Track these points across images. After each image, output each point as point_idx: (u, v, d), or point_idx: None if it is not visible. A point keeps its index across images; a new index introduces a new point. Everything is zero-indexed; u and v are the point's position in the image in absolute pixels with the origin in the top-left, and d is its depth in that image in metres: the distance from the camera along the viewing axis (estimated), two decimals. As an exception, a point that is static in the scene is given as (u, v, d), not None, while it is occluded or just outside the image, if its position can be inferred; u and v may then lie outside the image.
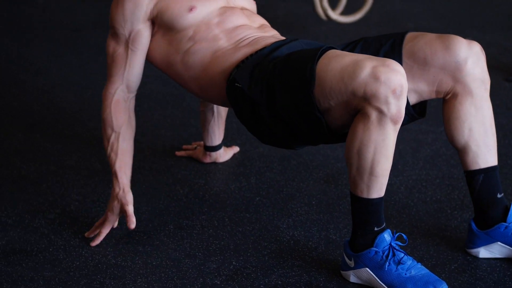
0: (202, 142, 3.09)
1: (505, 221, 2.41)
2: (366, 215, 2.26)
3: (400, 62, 2.35)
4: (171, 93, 3.73)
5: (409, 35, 2.40)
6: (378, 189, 2.24)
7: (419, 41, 2.37)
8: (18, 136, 3.30)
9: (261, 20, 2.63)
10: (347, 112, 2.20)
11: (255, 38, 2.49)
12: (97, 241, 2.55)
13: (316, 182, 2.90)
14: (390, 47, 2.38)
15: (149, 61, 2.64)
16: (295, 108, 2.25)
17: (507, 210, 2.41)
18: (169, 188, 2.88)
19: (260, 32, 2.54)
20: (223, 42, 2.50)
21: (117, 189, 2.55)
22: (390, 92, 2.11)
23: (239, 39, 2.49)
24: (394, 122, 2.16)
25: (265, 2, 4.86)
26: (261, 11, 2.77)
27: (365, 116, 2.16)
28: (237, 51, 2.45)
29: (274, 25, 2.69)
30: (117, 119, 2.60)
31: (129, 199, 2.55)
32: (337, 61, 2.19)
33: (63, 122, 3.43)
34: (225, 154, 3.08)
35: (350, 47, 2.43)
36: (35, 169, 3.02)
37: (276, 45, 2.43)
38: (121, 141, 2.61)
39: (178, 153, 3.12)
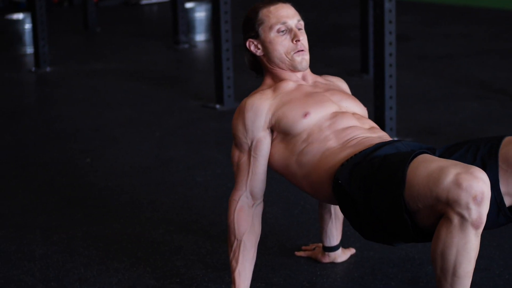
0: (320, 244, 3.20)
1: None
2: None
3: (496, 165, 2.46)
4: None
5: (507, 139, 2.52)
6: None
7: None
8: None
9: (372, 123, 2.77)
10: (433, 214, 2.32)
11: (362, 139, 2.62)
12: None
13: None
14: (487, 151, 2.50)
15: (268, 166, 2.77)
16: (387, 208, 2.38)
17: None
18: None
19: (369, 133, 2.68)
20: (332, 142, 2.64)
21: None
22: (471, 198, 2.23)
23: (347, 140, 2.63)
24: (475, 227, 2.26)
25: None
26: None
27: (448, 220, 2.28)
28: (343, 151, 2.59)
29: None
30: (239, 227, 2.74)
31: None
32: (425, 167, 2.33)
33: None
34: (343, 255, 3.17)
35: (451, 150, 2.55)
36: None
37: (379, 145, 2.56)
38: (242, 249, 2.74)
39: (297, 253, 3.23)
